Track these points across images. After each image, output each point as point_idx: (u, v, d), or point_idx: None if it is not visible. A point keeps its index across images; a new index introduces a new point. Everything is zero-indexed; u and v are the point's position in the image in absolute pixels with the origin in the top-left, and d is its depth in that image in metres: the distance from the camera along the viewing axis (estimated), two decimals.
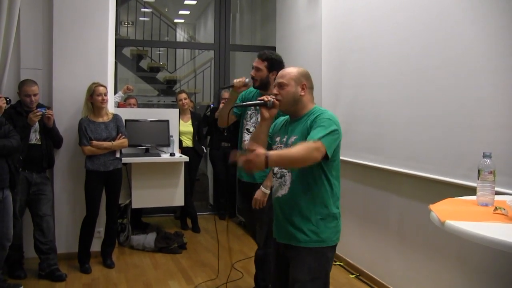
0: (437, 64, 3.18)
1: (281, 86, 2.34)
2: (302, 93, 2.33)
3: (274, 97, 2.34)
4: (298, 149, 2.08)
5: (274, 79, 2.89)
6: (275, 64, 3.16)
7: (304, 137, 2.23)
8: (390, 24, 3.72)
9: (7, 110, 3.85)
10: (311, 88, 2.40)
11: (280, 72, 2.41)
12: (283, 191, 2.33)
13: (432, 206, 2.10)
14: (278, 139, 2.41)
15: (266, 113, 2.34)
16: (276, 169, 2.36)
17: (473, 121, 2.86)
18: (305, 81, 2.35)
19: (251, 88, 3.29)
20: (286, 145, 2.31)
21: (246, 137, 3.27)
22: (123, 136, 4.30)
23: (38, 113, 3.86)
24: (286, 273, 2.36)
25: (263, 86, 3.20)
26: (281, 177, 2.34)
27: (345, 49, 4.44)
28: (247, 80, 3.16)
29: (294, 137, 2.29)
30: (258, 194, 3.12)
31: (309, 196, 2.26)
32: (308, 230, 2.26)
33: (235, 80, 3.16)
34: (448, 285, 3.14)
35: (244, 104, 2.67)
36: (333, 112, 2.36)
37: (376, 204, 3.98)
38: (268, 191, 3.05)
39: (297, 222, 2.28)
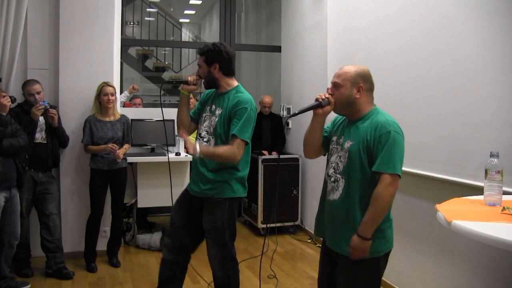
0: (443, 63, 3.16)
1: (336, 86, 2.21)
2: (357, 96, 2.18)
3: (328, 94, 2.21)
4: (377, 207, 2.05)
5: (218, 72, 2.79)
6: (212, 55, 2.79)
7: (360, 144, 2.12)
8: (396, 23, 3.71)
9: (14, 109, 3.88)
10: (370, 89, 2.23)
11: (337, 71, 2.25)
12: (335, 195, 2.23)
13: (438, 206, 2.09)
14: (334, 138, 2.30)
15: (320, 110, 2.22)
16: (331, 171, 2.26)
17: (480, 120, 2.85)
18: (363, 82, 2.19)
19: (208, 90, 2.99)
20: (342, 148, 2.20)
21: (197, 144, 2.76)
22: (128, 144, 4.38)
23: (40, 107, 3.88)
24: (332, 274, 2.30)
25: (211, 84, 2.87)
26: (334, 182, 2.24)
27: (350, 48, 4.44)
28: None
29: (350, 143, 2.17)
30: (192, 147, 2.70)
31: (360, 205, 2.14)
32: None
33: (189, 77, 2.89)
34: (455, 285, 3.13)
35: (301, 111, 2.27)
36: None
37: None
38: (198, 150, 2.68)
39: (345, 230, 2.17)
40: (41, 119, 3.99)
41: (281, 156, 5.60)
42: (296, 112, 2.29)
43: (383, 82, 3.92)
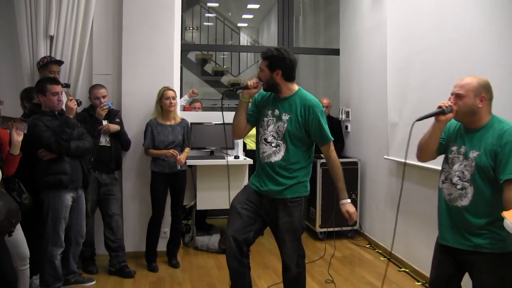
0: (508, 63, 3.01)
1: (458, 96, 2.31)
2: (480, 105, 2.29)
3: (451, 104, 2.32)
4: None
5: (280, 78, 2.83)
6: (276, 61, 2.80)
7: (488, 154, 2.23)
8: (457, 23, 3.57)
9: (81, 113, 4.08)
10: (491, 99, 2.33)
11: (459, 82, 2.35)
12: (464, 202, 2.33)
13: (506, 213, 1.98)
14: (454, 148, 2.41)
15: (442, 117, 2.34)
16: (455, 179, 2.37)
17: None
18: (485, 92, 2.30)
19: (262, 91, 2.97)
20: (466, 157, 2.32)
21: (265, 148, 2.91)
22: (188, 148, 4.48)
23: (104, 107, 4.04)
24: (452, 275, 2.45)
25: (271, 87, 2.89)
26: (462, 189, 2.34)
27: (410, 50, 4.30)
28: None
29: (477, 152, 2.28)
30: (351, 208, 3.12)
31: (493, 206, 2.25)
32: (491, 237, 2.27)
33: (249, 81, 2.89)
34: None
35: (425, 117, 2.38)
36: (399, 114, 2.30)
37: None
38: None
39: (475, 230, 2.30)
40: (106, 123, 4.14)
41: (340, 160, 5.48)
42: (421, 117, 2.38)
43: (444, 84, 3.77)
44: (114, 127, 4.18)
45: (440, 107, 2.33)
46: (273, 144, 2.89)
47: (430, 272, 2.59)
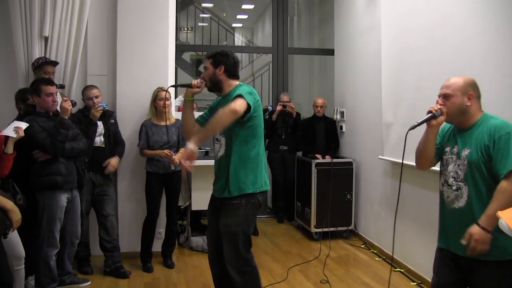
0: (501, 63, 3.03)
1: (446, 96, 2.32)
2: (469, 103, 2.29)
3: (440, 106, 2.32)
4: (503, 199, 2.07)
5: (223, 74, 2.87)
6: (220, 58, 2.91)
7: (479, 151, 2.21)
8: (452, 24, 3.59)
9: (76, 114, 4.07)
10: (479, 97, 2.34)
11: (445, 83, 2.36)
12: (460, 203, 2.30)
13: (501, 213, 1.99)
14: (448, 149, 2.41)
15: (433, 121, 2.32)
16: (451, 180, 2.34)
17: None
18: (472, 90, 2.30)
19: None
20: (459, 157, 2.30)
21: (216, 146, 3.03)
22: (183, 149, 4.43)
23: (99, 108, 4.04)
24: (455, 281, 2.38)
25: (215, 87, 2.96)
26: (457, 190, 2.31)
27: (405, 50, 4.32)
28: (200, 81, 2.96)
29: (468, 150, 2.26)
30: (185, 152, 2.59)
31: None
32: (499, 245, 2.18)
33: (193, 80, 2.98)
34: None
35: (418, 124, 2.33)
36: (394, 114, 2.31)
37: (437, 209, 3.83)
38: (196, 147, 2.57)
39: None
40: (100, 124, 4.14)
41: (335, 160, 5.54)
42: (414, 125, 2.33)
43: (439, 85, 3.80)
44: (115, 163, 4.23)
45: (430, 111, 2.32)
46: (220, 141, 2.97)
47: (432, 278, 2.55)
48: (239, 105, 2.63)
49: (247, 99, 2.67)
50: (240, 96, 2.67)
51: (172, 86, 3.68)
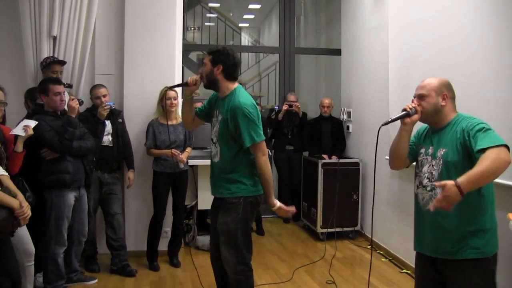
0: (511, 63, 3.02)
1: (421, 97, 2.34)
2: (443, 103, 2.31)
3: (414, 104, 2.34)
4: (487, 164, 1.97)
5: (221, 74, 2.82)
6: (219, 56, 2.82)
7: (455, 149, 2.20)
8: (461, 24, 3.57)
9: (84, 113, 4.10)
10: (453, 98, 2.36)
11: (420, 84, 2.38)
12: None
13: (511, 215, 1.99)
14: (423, 150, 2.40)
15: (408, 119, 2.34)
16: (425, 181, 2.32)
17: None
18: (446, 91, 2.32)
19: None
20: (434, 157, 2.29)
21: (212, 148, 2.99)
22: (190, 148, 4.50)
23: (106, 107, 4.06)
24: (436, 285, 2.35)
25: (211, 84, 2.89)
26: (431, 190, 2.29)
27: (413, 50, 4.31)
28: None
29: (444, 150, 2.26)
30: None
31: (463, 208, 2.16)
32: (468, 243, 2.19)
33: (189, 78, 2.92)
34: None
35: (391, 120, 2.39)
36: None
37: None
38: None
39: (451, 234, 2.22)
40: (108, 123, 4.17)
41: (341, 160, 5.53)
42: (387, 121, 2.40)
43: None
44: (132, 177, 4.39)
45: (404, 109, 2.34)
46: (216, 145, 2.93)
47: (414, 283, 2.53)
48: None
49: (248, 138, 2.73)
50: (246, 142, 2.73)
51: (169, 87, 3.60)
